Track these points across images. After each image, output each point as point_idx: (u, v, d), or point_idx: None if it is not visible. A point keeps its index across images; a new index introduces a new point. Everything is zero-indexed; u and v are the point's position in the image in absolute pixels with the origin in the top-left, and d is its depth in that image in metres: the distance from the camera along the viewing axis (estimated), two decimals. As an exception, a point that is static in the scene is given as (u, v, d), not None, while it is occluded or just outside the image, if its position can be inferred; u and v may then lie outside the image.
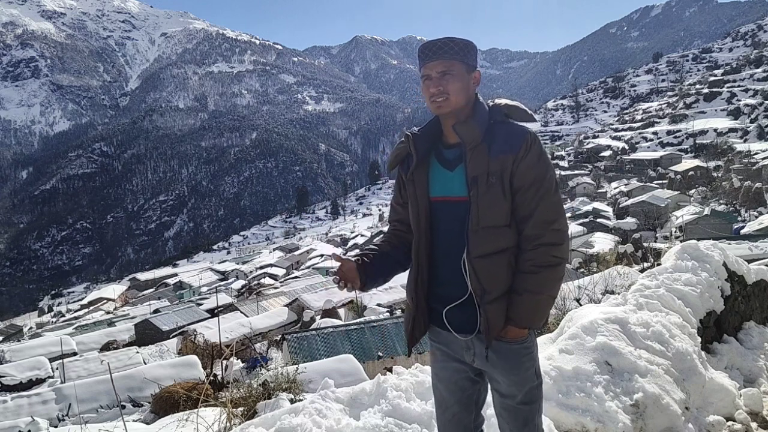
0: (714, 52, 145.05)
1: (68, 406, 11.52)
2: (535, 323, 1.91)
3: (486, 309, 1.85)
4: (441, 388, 2.10)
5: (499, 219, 1.85)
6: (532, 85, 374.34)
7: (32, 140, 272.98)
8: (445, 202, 1.94)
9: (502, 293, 1.87)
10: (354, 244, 78.52)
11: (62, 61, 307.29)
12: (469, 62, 1.91)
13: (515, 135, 1.85)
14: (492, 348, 1.90)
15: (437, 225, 1.96)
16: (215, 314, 28.71)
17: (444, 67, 1.88)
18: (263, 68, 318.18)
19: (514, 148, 1.83)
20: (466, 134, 1.87)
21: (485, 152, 1.84)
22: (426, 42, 1.93)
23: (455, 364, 2.03)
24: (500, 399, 1.99)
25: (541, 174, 1.84)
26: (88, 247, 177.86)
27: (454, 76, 1.88)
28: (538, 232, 1.84)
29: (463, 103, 1.91)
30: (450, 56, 1.88)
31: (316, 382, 6.17)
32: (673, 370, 3.38)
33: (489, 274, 1.85)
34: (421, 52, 1.92)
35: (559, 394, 3.06)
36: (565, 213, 1.94)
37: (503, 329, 1.89)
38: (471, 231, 1.85)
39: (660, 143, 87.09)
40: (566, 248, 1.89)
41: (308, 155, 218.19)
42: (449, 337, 1.99)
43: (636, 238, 39.01)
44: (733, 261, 4.79)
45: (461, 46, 1.90)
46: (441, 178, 1.95)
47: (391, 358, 14.37)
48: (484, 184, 1.83)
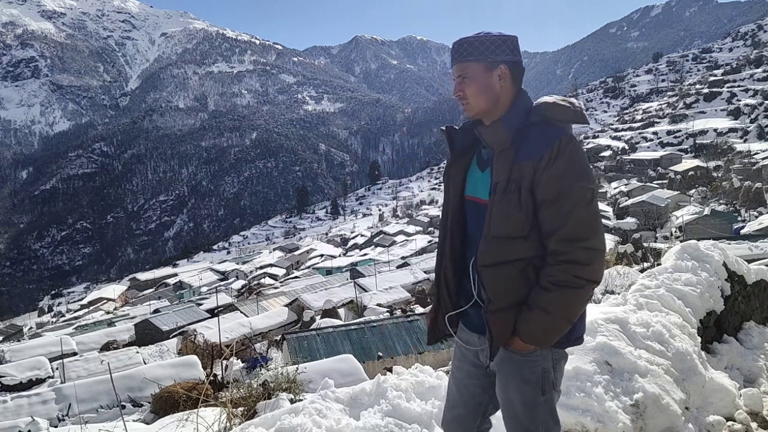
0: (714, 52, 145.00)
1: (68, 406, 11.52)
2: (542, 342, 1.77)
3: (488, 318, 1.78)
4: (452, 386, 2.08)
5: (511, 230, 1.73)
6: (532, 85, 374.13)
7: (32, 140, 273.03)
8: (473, 202, 1.88)
9: (509, 305, 1.76)
10: (354, 245, 78.53)
11: (62, 61, 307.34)
12: (491, 59, 1.78)
13: (543, 140, 1.70)
14: (497, 353, 1.87)
15: (465, 224, 1.92)
16: (215, 314, 28.71)
17: (460, 70, 1.83)
18: (263, 68, 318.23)
19: (536, 155, 1.68)
20: (490, 138, 1.78)
21: (509, 158, 1.73)
22: (455, 41, 1.88)
23: (469, 368, 2.02)
24: (502, 405, 1.96)
25: (568, 186, 1.67)
26: (88, 247, 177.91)
27: (469, 80, 1.81)
28: (564, 248, 1.68)
29: (485, 105, 1.81)
30: (464, 58, 1.81)
31: (316, 382, 6.17)
32: (673, 370, 3.38)
33: (494, 283, 1.76)
34: (450, 56, 1.88)
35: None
36: (602, 230, 1.74)
37: (511, 340, 1.81)
38: (483, 238, 1.78)
39: (660, 143, 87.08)
40: (596, 270, 1.70)
41: (308, 155, 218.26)
42: (469, 336, 1.98)
43: (636, 238, 39.04)
44: (733, 261, 4.79)
45: (477, 44, 1.79)
46: (474, 176, 1.90)
47: (391, 358, 14.38)
48: (501, 191, 1.73)
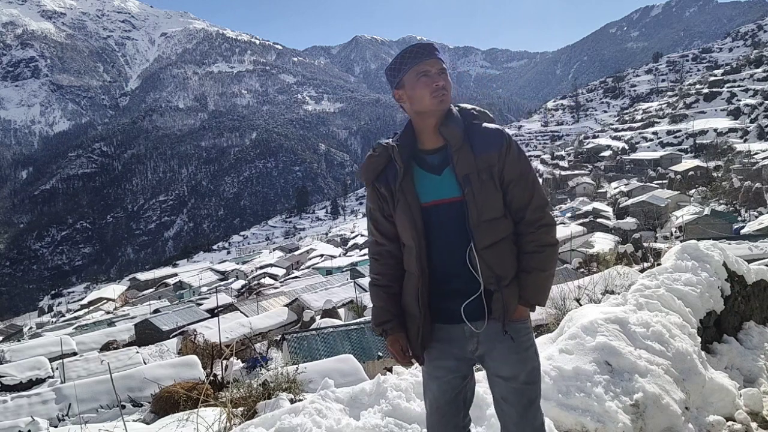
0: (714, 52, 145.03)
1: (68, 406, 11.52)
2: (542, 300, 2.04)
3: (504, 293, 1.95)
4: (434, 387, 2.11)
5: (496, 211, 1.96)
6: (532, 85, 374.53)
7: (32, 140, 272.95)
8: (438, 205, 1.99)
9: (513, 277, 1.98)
10: (354, 245, 78.52)
11: (62, 61, 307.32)
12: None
13: (494, 134, 1.98)
14: (507, 329, 1.98)
15: (431, 229, 2.00)
16: (215, 314, 28.71)
17: (442, 65, 1.99)
18: (263, 68, 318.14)
19: (497, 146, 1.95)
20: (451, 136, 1.96)
21: (469, 151, 1.95)
22: (416, 44, 2.00)
23: (451, 363, 2.06)
24: (504, 383, 2.02)
25: (526, 166, 2.00)
26: (88, 247, 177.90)
27: (446, 75, 2.00)
28: (539, 215, 2.00)
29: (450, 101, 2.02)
30: (442, 57, 2.02)
31: (316, 382, 6.17)
32: (673, 370, 3.38)
33: (499, 261, 1.96)
34: (416, 52, 1.98)
35: (559, 394, 3.06)
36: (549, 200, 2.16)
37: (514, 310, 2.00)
38: (473, 226, 1.93)
39: (660, 143, 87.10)
40: (556, 230, 2.09)
41: (308, 155, 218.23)
42: (451, 331, 2.03)
43: (636, 238, 39.04)
44: (733, 261, 4.79)
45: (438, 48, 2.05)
46: (428, 183, 2.00)
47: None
48: (478, 180, 1.93)
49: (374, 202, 2.08)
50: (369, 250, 2.18)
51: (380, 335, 2.12)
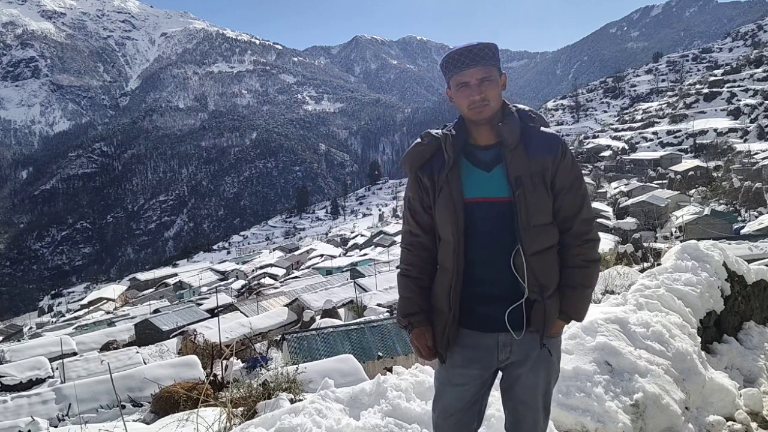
0: (714, 52, 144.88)
1: (68, 406, 11.53)
2: (582, 316, 2.02)
3: (546, 304, 1.90)
4: (451, 394, 2.05)
5: (546, 217, 1.91)
6: (532, 85, 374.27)
7: (32, 140, 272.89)
8: (482, 203, 1.92)
9: (556, 288, 1.94)
10: (354, 244, 78.53)
11: (62, 61, 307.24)
12: (500, 66, 1.95)
13: (551, 139, 1.94)
14: (545, 342, 1.96)
15: (473, 226, 1.93)
16: (215, 314, 28.72)
17: (484, 73, 1.89)
18: (263, 68, 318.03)
19: (553, 150, 1.91)
20: (508, 135, 1.91)
21: (524, 153, 1.90)
22: (459, 48, 1.90)
23: (475, 371, 2.01)
24: (528, 390, 2.03)
25: (578, 175, 1.96)
26: (88, 247, 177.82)
27: (492, 83, 1.90)
28: (586, 228, 1.95)
29: (498, 108, 1.94)
30: (488, 62, 1.89)
31: (316, 382, 6.17)
32: (673, 370, 3.38)
33: (545, 269, 1.90)
34: (456, 59, 1.89)
35: (559, 394, 3.06)
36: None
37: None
38: (522, 229, 1.87)
39: (660, 143, 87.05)
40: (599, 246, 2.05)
41: (308, 155, 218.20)
42: (481, 339, 1.97)
43: (636, 238, 39.03)
44: (733, 261, 4.79)
45: (494, 50, 1.92)
46: (476, 179, 1.94)
47: (391, 358, 14.38)
48: (530, 183, 1.87)
49: (415, 191, 2.03)
50: (402, 240, 2.14)
51: (404, 327, 2.06)
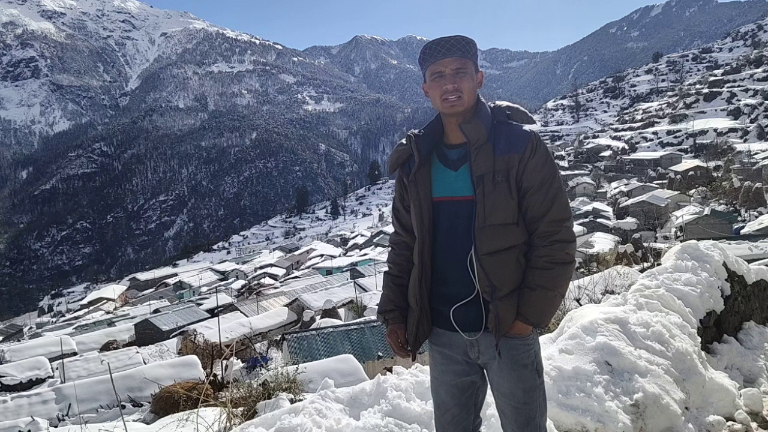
0: (714, 52, 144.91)
1: (68, 406, 11.53)
2: (544, 320, 1.90)
3: (497, 305, 1.84)
4: (441, 391, 2.07)
5: (506, 217, 1.85)
6: (532, 85, 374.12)
7: (32, 140, 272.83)
8: (448, 202, 1.93)
9: (511, 290, 1.86)
10: (354, 245, 78.52)
11: (62, 61, 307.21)
12: (476, 62, 1.92)
13: (519, 135, 1.88)
14: (502, 344, 1.90)
15: (439, 225, 1.95)
16: (215, 314, 28.69)
17: (459, 64, 1.87)
18: (263, 68, 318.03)
19: (519, 147, 1.85)
20: (472, 133, 1.87)
21: (490, 151, 1.86)
22: (436, 39, 1.89)
23: (456, 367, 2.01)
24: (503, 398, 1.98)
25: (550, 175, 1.87)
26: (88, 247, 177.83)
27: (467, 75, 1.88)
28: (553, 229, 1.86)
29: (472, 103, 1.90)
30: (464, 54, 1.87)
31: (316, 382, 6.17)
32: (673, 370, 3.38)
33: (498, 270, 1.85)
34: (432, 49, 1.88)
35: (559, 394, 3.06)
36: (572, 215, 1.98)
37: (511, 325, 1.88)
38: (477, 229, 1.85)
39: (660, 143, 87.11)
40: (575, 247, 1.92)
41: (308, 155, 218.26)
42: (453, 337, 1.97)
43: (636, 238, 39.06)
44: (733, 261, 4.79)
45: (471, 45, 1.89)
46: (444, 178, 1.94)
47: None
48: (491, 182, 1.84)
49: (397, 191, 2.08)
50: (389, 239, 2.17)
51: (382, 323, 2.12)
